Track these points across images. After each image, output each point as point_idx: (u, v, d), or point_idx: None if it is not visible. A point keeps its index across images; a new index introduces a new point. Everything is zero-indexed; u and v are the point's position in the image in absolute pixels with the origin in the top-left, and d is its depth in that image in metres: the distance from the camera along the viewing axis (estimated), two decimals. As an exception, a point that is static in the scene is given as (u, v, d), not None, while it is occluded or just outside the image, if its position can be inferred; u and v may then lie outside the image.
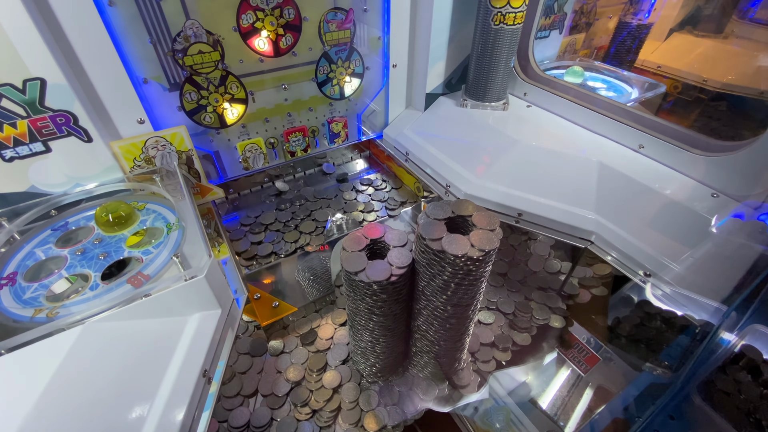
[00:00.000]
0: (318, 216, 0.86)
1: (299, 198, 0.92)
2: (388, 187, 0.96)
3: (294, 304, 0.71)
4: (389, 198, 0.93)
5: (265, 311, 0.69)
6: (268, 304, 0.70)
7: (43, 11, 0.49)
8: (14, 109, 0.51)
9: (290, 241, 0.79)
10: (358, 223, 0.87)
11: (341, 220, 0.87)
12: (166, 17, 0.60)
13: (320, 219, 0.85)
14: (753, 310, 0.57)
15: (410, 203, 0.92)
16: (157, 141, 0.64)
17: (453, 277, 0.45)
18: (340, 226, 0.85)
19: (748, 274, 0.53)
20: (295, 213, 0.87)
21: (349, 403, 0.58)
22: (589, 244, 0.62)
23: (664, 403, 0.54)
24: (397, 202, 0.92)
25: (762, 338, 0.57)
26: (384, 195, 0.94)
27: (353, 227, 0.86)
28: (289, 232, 0.81)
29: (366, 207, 0.90)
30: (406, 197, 0.93)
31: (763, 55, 0.97)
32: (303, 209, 0.88)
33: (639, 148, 0.70)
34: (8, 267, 0.48)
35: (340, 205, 0.90)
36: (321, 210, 0.88)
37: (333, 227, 0.85)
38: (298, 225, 0.83)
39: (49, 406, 0.36)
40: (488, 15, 0.75)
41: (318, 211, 0.88)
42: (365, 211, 0.89)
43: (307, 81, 0.78)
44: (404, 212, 0.91)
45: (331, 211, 0.88)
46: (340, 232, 0.84)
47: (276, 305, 0.70)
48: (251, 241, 0.79)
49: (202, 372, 0.42)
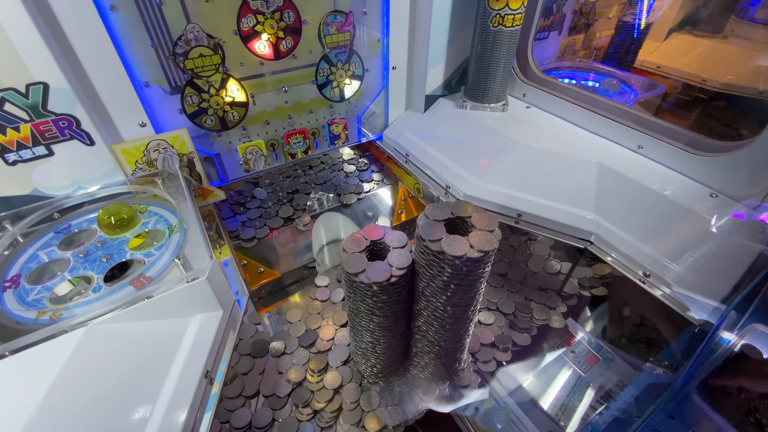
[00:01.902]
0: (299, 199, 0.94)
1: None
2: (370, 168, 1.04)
3: (278, 271, 0.79)
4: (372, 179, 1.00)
5: (252, 276, 0.77)
6: (254, 270, 0.78)
7: (45, 16, 0.50)
8: (17, 113, 0.52)
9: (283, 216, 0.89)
10: (338, 199, 0.93)
11: (323, 195, 0.93)
12: (167, 21, 0.60)
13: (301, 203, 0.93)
14: (753, 310, 0.56)
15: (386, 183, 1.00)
16: (158, 144, 0.64)
17: (452, 278, 0.45)
18: (321, 202, 0.91)
19: (747, 273, 0.53)
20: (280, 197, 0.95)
21: (350, 404, 0.59)
22: (588, 244, 0.63)
23: (664, 403, 0.54)
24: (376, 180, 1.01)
25: (762, 337, 0.57)
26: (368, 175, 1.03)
27: (334, 203, 0.92)
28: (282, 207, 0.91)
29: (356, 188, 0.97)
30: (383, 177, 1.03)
31: (763, 55, 0.97)
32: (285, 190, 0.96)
33: (638, 148, 0.70)
34: (12, 269, 0.48)
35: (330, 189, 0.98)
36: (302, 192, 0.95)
37: (314, 203, 0.91)
38: (278, 211, 0.90)
39: (53, 407, 0.36)
40: (487, 17, 0.75)
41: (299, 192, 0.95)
42: (355, 192, 0.95)
43: (308, 83, 0.79)
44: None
45: (313, 189, 0.95)
46: (321, 208, 0.91)
47: (261, 271, 0.79)
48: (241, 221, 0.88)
49: (204, 373, 0.42)
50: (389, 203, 0.96)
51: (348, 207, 0.92)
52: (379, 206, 0.94)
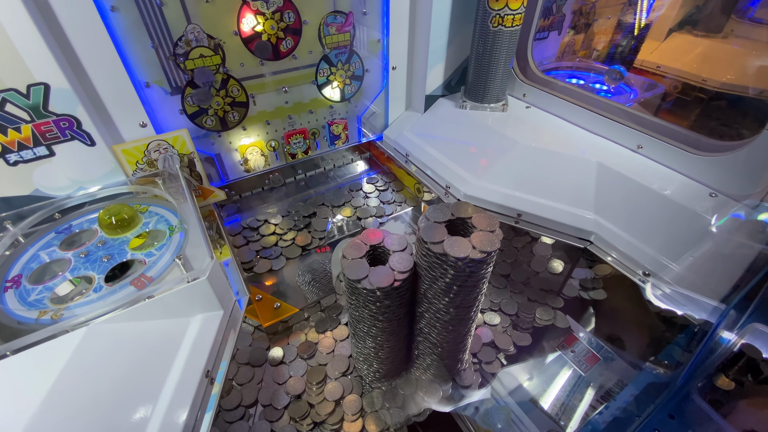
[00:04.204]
0: (316, 224, 0.87)
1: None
2: (390, 189, 0.99)
3: (295, 305, 0.71)
4: (394, 200, 0.95)
5: (267, 312, 0.70)
6: (270, 305, 0.71)
7: (46, 17, 0.50)
8: (19, 114, 0.52)
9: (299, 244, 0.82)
10: (358, 223, 0.87)
11: (342, 221, 0.87)
12: (168, 22, 0.60)
13: (318, 228, 0.86)
14: (752, 309, 0.57)
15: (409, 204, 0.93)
16: (159, 144, 0.65)
17: (455, 280, 0.45)
18: (341, 228, 0.86)
19: (747, 272, 0.53)
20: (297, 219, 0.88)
21: (351, 416, 0.58)
22: (588, 244, 0.63)
23: (663, 402, 0.54)
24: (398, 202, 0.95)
25: (762, 337, 0.57)
26: (389, 196, 0.96)
27: (354, 228, 0.86)
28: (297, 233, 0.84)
29: (378, 211, 0.92)
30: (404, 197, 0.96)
31: (763, 55, 0.97)
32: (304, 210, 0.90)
33: (638, 148, 0.70)
34: (13, 270, 0.48)
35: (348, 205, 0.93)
36: (320, 215, 0.89)
37: (334, 228, 0.85)
38: (295, 239, 0.83)
39: (54, 406, 0.36)
40: (487, 17, 0.75)
41: (318, 214, 0.89)
42: (376, 215, 0.91)
43: (308, 84, 0.79)
44: (404, 213, 0.91)
45: (330, 212, 0.89)
46: (341, 234, 0.84)
47: (278, 306, 0.71)
48: (255, 250, 0.81)
49: (204, 373, 0.42)
50: (414, 226, 0.91)
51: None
52: (404, 229, 0.89)
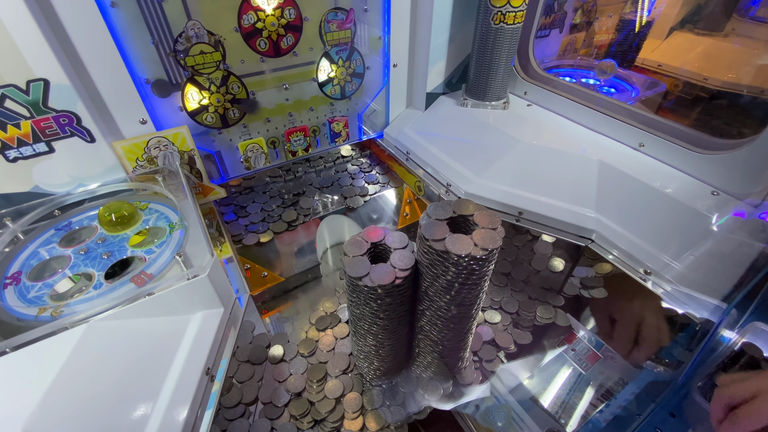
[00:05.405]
0: (303, 202, 0.92)
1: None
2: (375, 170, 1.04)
3: (281, 275, 0.77)
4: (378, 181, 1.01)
5: (256, 280, 0.75)
6: (258, 274, 0.76)
7: (46, 13, 0.50)
8: (18, 110, 0.52)
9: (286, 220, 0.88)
10: (344, 202, 0.93)
11: (327, 198, 0.93)
12: (168, 18, 0.60)
13: (304, 206, 0.92)
14: (753, 308, 0.57)
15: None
16: (159, 141, 0.64)
17: (457, 277, 0.45)
18: (325, 204, 0.91)
19: (748, 271, 0.53)
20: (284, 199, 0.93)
21: (352, 414, 0.58)
22: (589, 242, 0.62)
23: (664, 401, 0.54)
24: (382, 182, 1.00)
25: (762, 336, 0.57)
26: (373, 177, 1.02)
27: (339, 205, 0.92)
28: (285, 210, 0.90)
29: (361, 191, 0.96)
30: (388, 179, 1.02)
31: (764, 54, 0.97)
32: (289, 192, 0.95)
33: (639, 146, 0.70)
34: (12, 266, 0.48)
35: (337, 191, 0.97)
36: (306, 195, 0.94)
37: (319, 205, 0.90)
38: (282, 214, 0.89)
39: (54, 403, 0.36)
40: (488, 14, 0.75)
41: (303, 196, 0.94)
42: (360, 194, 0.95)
43: (308, 81, 0.79)
44: (387, 193, 0.95)
45: (316, 191, 0.94)
46: (326, 210, 0.90)
47: (265, 275, 0.76)
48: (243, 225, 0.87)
49: (205, 370, 0.42)
50: (394, 205, 0.96)
51: (353, 210, 0.91)
52: (384, 208, 0.94)
